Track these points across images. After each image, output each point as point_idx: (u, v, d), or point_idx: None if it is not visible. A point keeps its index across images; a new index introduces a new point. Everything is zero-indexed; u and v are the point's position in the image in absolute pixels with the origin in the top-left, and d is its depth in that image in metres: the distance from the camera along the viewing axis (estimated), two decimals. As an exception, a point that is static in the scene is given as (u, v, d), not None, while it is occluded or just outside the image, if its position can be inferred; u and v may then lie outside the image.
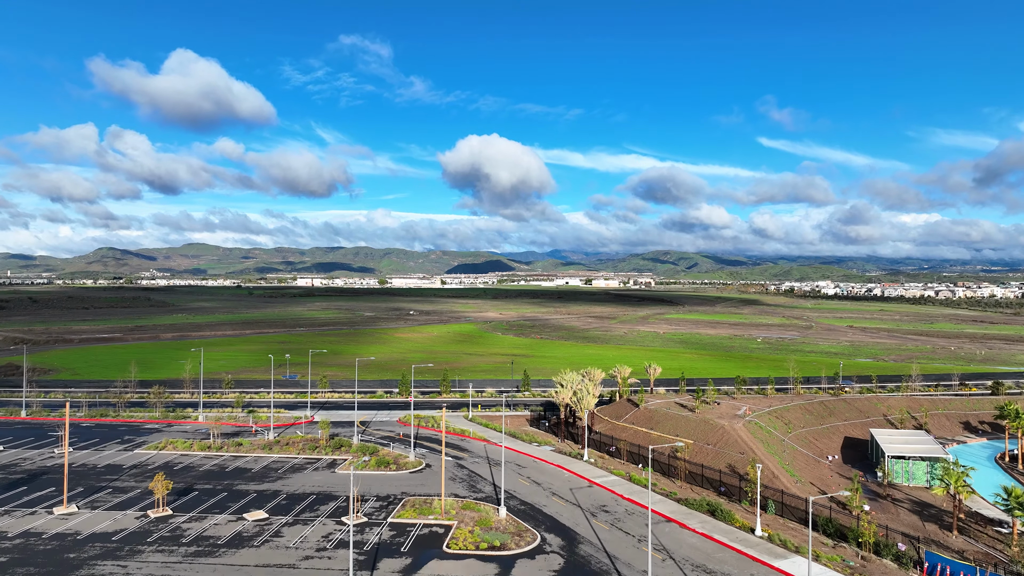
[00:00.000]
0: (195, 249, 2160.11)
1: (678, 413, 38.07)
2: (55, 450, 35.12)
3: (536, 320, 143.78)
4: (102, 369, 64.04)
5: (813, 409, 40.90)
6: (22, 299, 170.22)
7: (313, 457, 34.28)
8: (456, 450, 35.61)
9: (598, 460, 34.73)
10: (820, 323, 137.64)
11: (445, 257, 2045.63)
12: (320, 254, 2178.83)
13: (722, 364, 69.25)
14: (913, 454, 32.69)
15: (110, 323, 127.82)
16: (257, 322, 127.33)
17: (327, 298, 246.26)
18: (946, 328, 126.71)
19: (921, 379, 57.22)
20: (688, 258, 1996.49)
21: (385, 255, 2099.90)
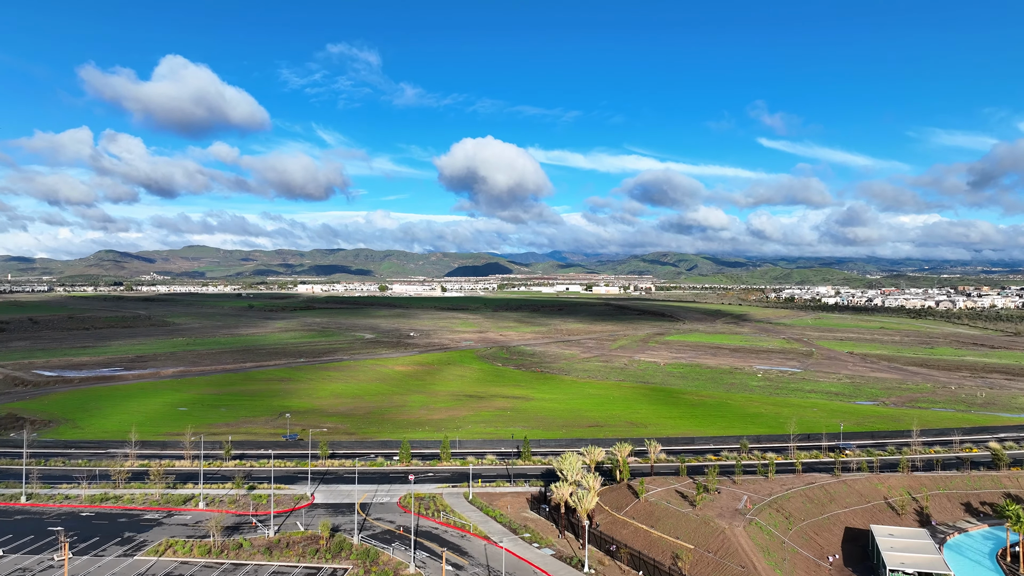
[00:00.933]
0: (195, 251, 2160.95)
1: (678, 509, 37.99)
2: (55, 556, 35.04)
3: (536, 346, 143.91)
4: (102, 420, 64.05)
5: (814, 496, 40.85)
6: (23, 321, 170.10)
7: (313, 566, 34.20)
8: (457, 554, 35.52)
9: (598, 568, 34.60)
10: (820, 347, 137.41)
11: (445, 259, 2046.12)
12: (320, 256, 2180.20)
13: (722, 414, 69.32)
14: (913, 567, 32.65)
15: (110, 350, 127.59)
16: (255, 350, 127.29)
17: (328, 312, 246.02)
18: (946, 355, 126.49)
19: (920, 435, 57.17)
20: (688, 260, 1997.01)
21: (385, 257, 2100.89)
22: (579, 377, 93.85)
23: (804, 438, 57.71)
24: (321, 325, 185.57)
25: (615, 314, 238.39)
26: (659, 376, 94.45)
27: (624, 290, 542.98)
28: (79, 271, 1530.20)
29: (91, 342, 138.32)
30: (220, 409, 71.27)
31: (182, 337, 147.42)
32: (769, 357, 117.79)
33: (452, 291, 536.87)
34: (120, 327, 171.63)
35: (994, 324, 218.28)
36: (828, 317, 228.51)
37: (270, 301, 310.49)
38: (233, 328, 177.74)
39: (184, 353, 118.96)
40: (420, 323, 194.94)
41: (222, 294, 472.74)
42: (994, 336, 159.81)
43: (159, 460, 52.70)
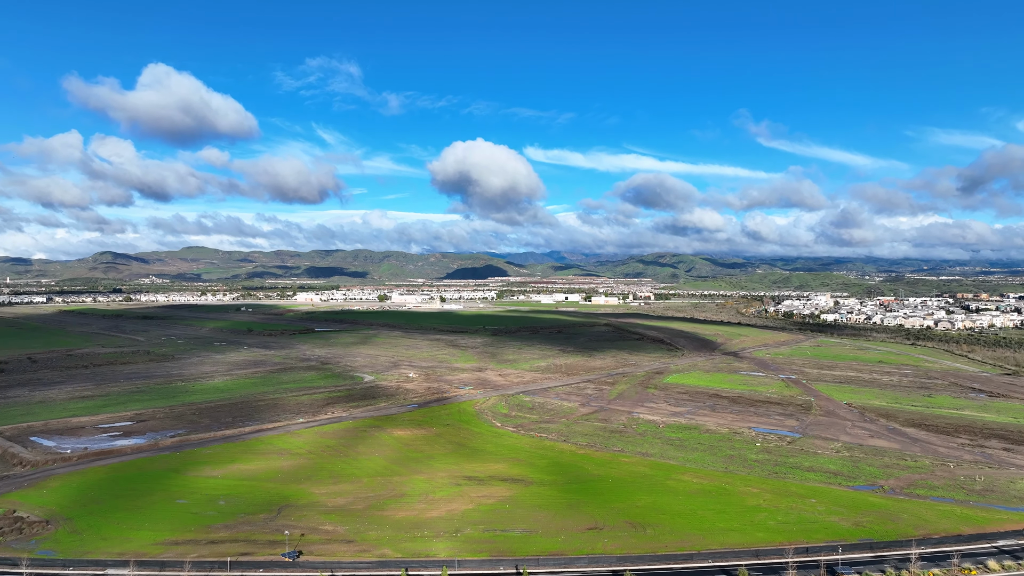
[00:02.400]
0: (193, 252, 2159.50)
1: None
2: None
3: (535, 394, 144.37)
4: (101, 520, 64.18)
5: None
6: (22, 360, 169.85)
7: None
8: None
9: None
10: (819, 393, 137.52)
11: (444, 260, 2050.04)
12: (318, 257, 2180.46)
13: (722, 508, 69.76)
14: None
15: (108, 404, 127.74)
16: (253, 405, 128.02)
17: (326, 337, 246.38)
18: (944, 407, 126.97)
19: (919, 545, 57.34)
20: (686, 261, 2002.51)
21: (384, 258, 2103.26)
22: (578, 447, 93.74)
23: (803, 551, 57.71)
24: (321, 360, 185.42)
25: (615, 339, 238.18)
26: (658, 445, 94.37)
27: (623, 300, 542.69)
28: (77, 274, 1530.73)
29: (90, 388, 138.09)
30: (218, 502, 71.15)
31: (182, 382, 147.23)
32: (768, 411, 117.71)
33: (451, 300, 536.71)
34: (119, 364, 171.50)
35: (992, 351, 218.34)
36: (827, 344, 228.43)
37: (269, 323, 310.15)
38: (231, 369, 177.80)
39: (184, 409, 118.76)
40: (420, 355, 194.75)
41: (221, 306, 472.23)
42: (993, 376, 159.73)
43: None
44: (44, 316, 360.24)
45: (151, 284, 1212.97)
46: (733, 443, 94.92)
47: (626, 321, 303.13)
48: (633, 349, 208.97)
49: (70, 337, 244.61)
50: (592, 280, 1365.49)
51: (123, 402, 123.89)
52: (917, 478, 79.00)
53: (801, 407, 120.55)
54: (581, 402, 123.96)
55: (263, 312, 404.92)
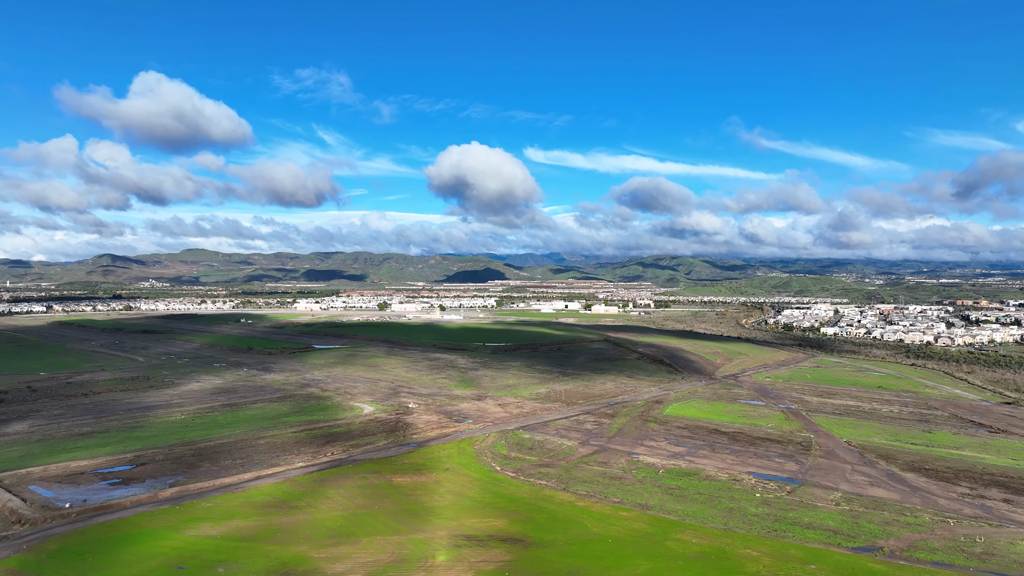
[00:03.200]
0: (193, 255, 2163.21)
1: None
2: None
3: (535, 430, 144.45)
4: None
5: None
6: (21, 389, 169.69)
7: None
8: None
9: None
10: (818, 427, 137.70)
11: (444, 262, 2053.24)
12: (317, 260, 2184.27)
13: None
14: None
15: (109, 442, 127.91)
16: (252, 447, 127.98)
17: (325, 357, 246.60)
18: (944, 446, 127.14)
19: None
20: (685, 263, 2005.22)
21: (384, 260, 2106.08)
22: (578, 496, 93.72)
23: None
24: (321, 385, 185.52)
25: (614, 359, 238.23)
26: (657, 495, 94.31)
27: (623, 308, 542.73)
28: (77, 277, 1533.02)
29: (89, 422, 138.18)
30: (218, 569, 71.02)
31: (181, 415, 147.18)
32: (767, 451, 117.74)
33: (451, 309, 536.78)
34: (118, 391, 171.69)
35: (992, 372, 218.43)
36: (827, 364, 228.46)
37: (269, 339, 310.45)
38: (231, 398, 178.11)
39: (183, 449, 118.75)
40: (420, 380, 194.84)
41: (220, 316, 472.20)
42: (993, 406, 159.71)
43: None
44: (43, 329, 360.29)
45: (151, 288, 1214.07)
46: (733, 493, 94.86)
47: (625, 337, 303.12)
48: (633, 372, 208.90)
49: (69, 356, 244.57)
50: (592, 284, 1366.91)
51: (122, 440, 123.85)
52: (917, 538, 78.93)
53: (801, 446, 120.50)
54: (580, 440, 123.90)
55: (262, 324, 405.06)
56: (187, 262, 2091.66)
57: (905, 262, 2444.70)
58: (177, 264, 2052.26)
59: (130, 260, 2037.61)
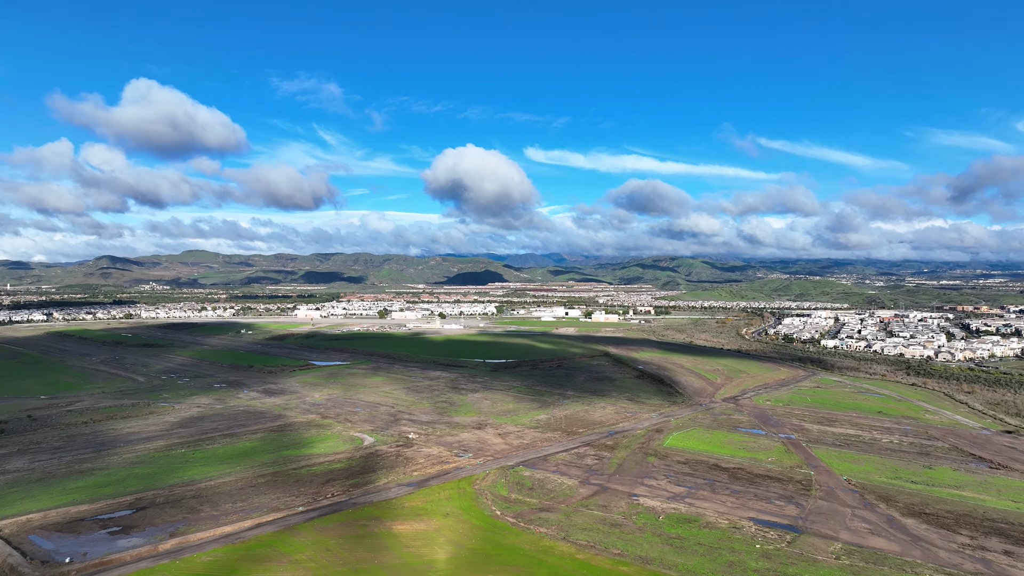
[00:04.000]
0: (194, 256, 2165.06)
1: None
2: None
3: (535, 464, 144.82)
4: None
5: None
6: (22, 419, 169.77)
7: None
8: None
9: None
10: (818, 461, 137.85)
11: (444, 264, 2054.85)
12: (318, 261, 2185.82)
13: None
14: None
15: (110, 482, 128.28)
16: (253, 487, 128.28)
17: (323, 377, 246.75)
18: (944, 484, 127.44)
19: None
20: (685, 264, 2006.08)
21: (384, 262, 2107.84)
22: (578, 548, 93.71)
23: None
24: (321, 411, 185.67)
25: (614, 378, 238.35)
26: (657, 546, 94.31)
27: (623, 315, 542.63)
28: (77, 280, 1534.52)
29: (90, 457, 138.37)
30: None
31: (182, 448, 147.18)
32: (767, 491, 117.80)
33: (451, 317, 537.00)
34: (119, 419, 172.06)
35: (992, 392, 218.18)
36: (827, 384, 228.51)
37: (269, 355, 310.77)
38: (231, 427, 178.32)
39: (183, 490, 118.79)
40: (420, 405, 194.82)
41: (220, 325, 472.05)
42: (993, 435, 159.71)
43: None
44: (44, 342, 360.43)
45: (151, 292, 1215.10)
46: (733, 543, 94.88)
47: (626, 352, 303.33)
48: (633, 394, 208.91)
49: (70, 375, 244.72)
50: (592, 287, 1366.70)
51: (122, 479, 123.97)
52: (917, 599, 78.94)
53: (801, 485, 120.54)
54: (581, 479, 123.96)
55: (263, 335, 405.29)
56: (187, 263, 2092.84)
57: (905, 262, 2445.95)
58: (177, 265, 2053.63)
59: (130, 262, 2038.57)
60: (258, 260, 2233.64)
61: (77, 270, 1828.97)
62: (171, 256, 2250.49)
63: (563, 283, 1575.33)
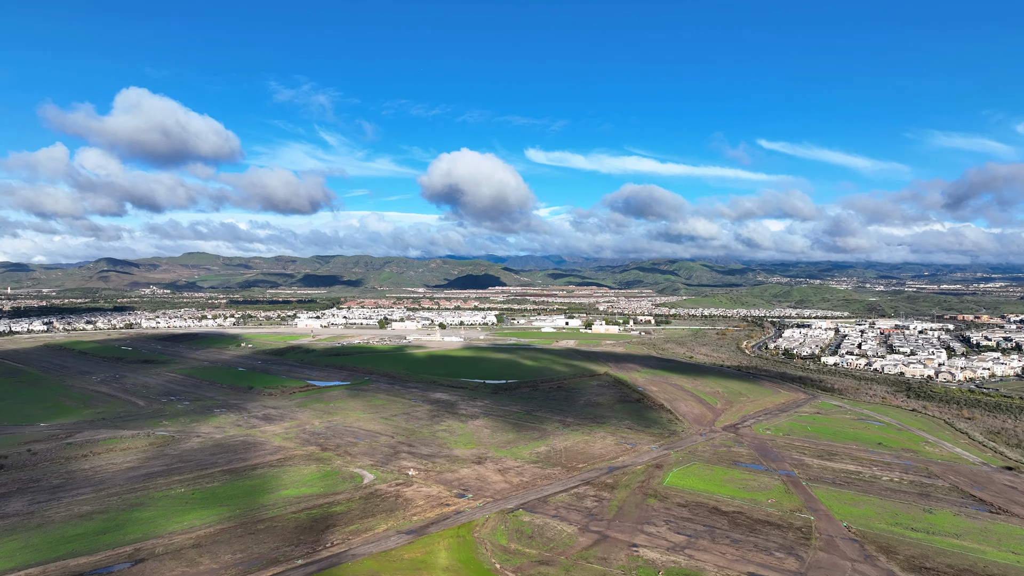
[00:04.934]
0: (194, 259, 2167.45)
1: None
2: None
3: (534, 508, 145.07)
4: None
5: None
6: (21, 453, 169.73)
7: None
8: None
9: None
10: (817, 503, 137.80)
11: (445, 266, 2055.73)
12: (318, 263, 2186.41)
13: None
14: None
15: (109, 528, 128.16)
16: (252, 534, 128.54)
17: (324, 405, 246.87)
18: (944, 535, 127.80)
19: None
20: (686, 267, 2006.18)
21: (384, 264, 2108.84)
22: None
23: None
24: (321, 442, 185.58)
25: (614, 403, 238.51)
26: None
27: (623, 326, 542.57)
28: (78, 283, 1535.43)
29: (89, 497, 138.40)
30: None
31: (181, 488, 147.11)
32: (767, 540, 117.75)
33: (451, 328, 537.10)
34: (117, 451, 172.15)
35: (993, 418, 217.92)
36: (827, 410, 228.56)
37: (268, 373, 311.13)
38: (231, 461, 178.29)
39: (182, 538, 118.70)
40: (420, 434, 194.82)
41: (220, 337, 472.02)
42: (993, 473, 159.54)
43: None
44: (44, 358, 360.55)
45: (151, 296, 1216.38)
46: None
47: (626, 372, 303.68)
48: (634, 421, 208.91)
49: (70, 397, 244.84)
50: (592, 292, 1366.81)
51: (121, 524, 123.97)
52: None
53: (801, 534, 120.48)
54: (580, 525, 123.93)
55: (263, 349, 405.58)
56: (187, 266, 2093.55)
57: (905, 265, 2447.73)
58: (177, 268, 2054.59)
59: (129, 264, 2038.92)
60: (258, 263, 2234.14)
61: (77, 273, 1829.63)
62: (171, 258, 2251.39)
63: (563, 287, 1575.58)
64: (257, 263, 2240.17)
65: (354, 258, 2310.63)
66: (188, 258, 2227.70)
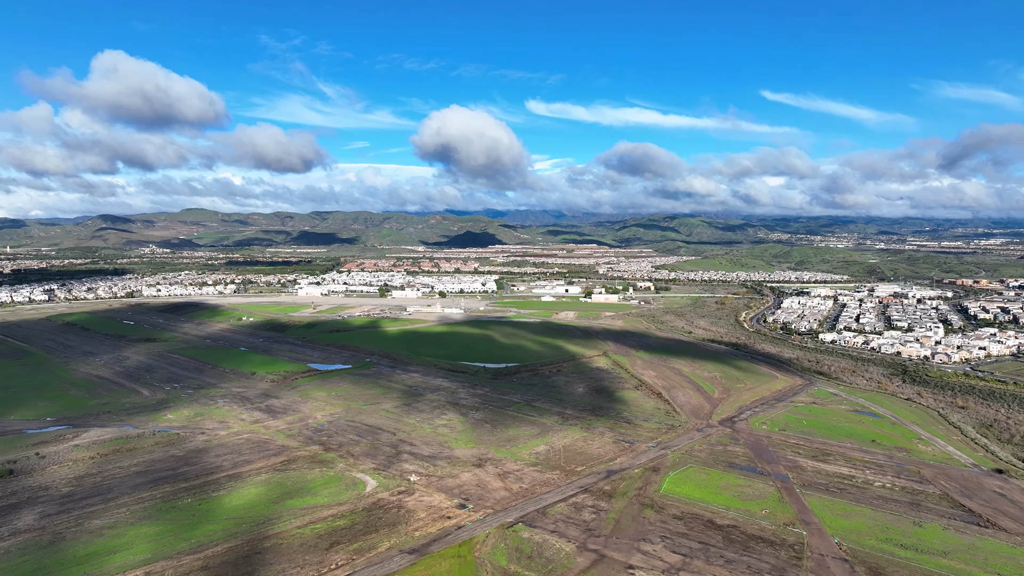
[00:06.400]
0: (192, 215, 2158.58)
1: None
2: None
3: (534, 523, 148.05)
4: None
5: None
6: (30, 457, 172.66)
7: None
8: None
9: None
10: (812, 516, 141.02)
11: (445, 222, 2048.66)
12: (318, 220, 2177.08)
13: None
14: None
15: (121, 545, 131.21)
16: (263, 545, 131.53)
17: (327, 391, 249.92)
18: (931, 551, 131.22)
19: None
20: (686, 224, 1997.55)
21: (384, 220, 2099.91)
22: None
23: None
24: (323, 440, 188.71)
25: (613, 391, 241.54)
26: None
27: (623, 295, 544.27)
28: (76, 241, 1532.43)
29: (98, 507, 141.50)
30: None
31: (189, 498, 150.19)
32: (760, 563, 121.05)
33: (451, 296, 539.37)
34: (124, 451, 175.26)
35: (987, 407, 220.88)
36: (823, 400, 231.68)
37: (269, 355, 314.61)
38: (237, 464, 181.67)
39: (190, 559, 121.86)
40: (421, 431, 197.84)
41: (223, 308, 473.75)
42: (983, 478, 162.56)
43: None
44: (47, 335, 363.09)
45: (151, 256, 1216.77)
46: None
47: (624, 353, 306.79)
48: (632, 413, 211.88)
49: (75, 386, 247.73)
50: (592, 250, 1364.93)
51: (131, 542, 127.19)
52: None
53: (793, 552, 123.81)
54: (579, 543, 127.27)
55: (264, 322, 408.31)
56: (185, 223, 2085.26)
57: (906, 220, 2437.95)
58: (176, 224, 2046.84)
59: (127, 221, 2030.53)
60: (256, 219, 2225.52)
61: (75, 231, 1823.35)
62: (169, 215, 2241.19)
63: (562, 245, 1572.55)
64: (255, 219, 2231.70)
65: (352, 214, 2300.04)
66: (187, 214, 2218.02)
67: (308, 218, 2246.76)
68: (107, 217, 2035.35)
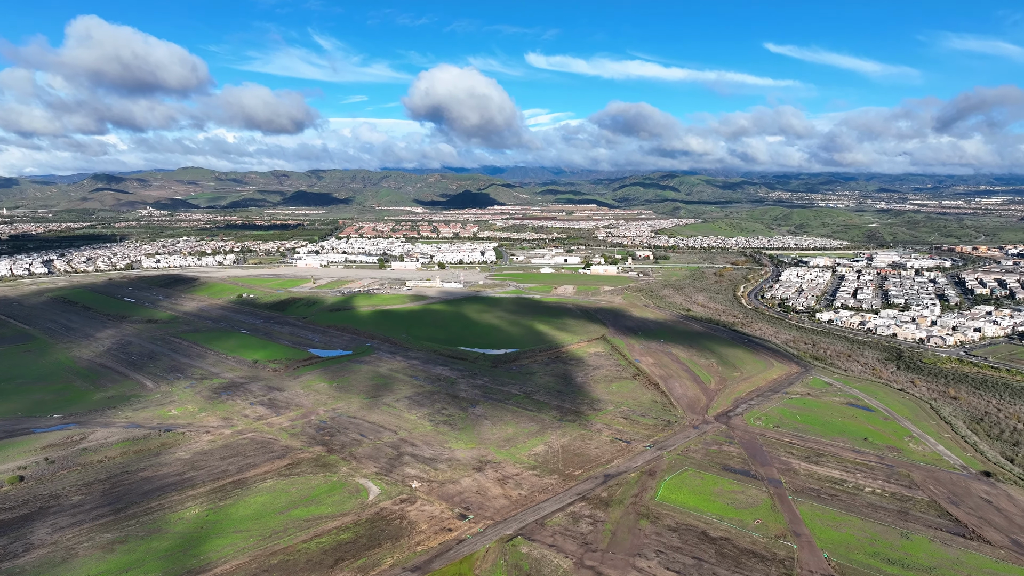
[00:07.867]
0: (189, 174, 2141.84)
1: None
2: None
3: (533, 536, 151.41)
4: None
5: None
6: (39, 463, 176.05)
7: None
8: None
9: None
10: (802, 528, 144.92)
11: (443, 181, 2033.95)
12: (315, 179, 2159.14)
13: None
14: None
15: (131, 565, 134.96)
16: (273, 559, 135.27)
17: (328, 383, 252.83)
18: (917, 568, 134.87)
19: None
20: (686, 183, 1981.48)
21: (382, 179, 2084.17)
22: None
23: None
24: (325, 440, 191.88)
25: (611, 379, 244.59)
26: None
27: (621, 265, 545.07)
28: (72, 203, 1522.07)
29: (108, 523, 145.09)
30: None
31: (195, 508, 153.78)
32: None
33: (451, 267, 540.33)
34: (131, 454, 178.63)
35: (979, 398, 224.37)
36: (817, 391, 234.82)
37: (271, 339, 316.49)
38: (242, 469, 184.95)
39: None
40: (422, 429, 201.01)
41: (223, 284, 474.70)
42: (972, 482, 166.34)
43: None
44: (48, 314, 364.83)
45: (148, 219, 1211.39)
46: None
47: (622, 337, 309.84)
48: (629, 408, 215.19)
49: (78, 375, 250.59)
50: (591, 212, 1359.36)
51: (142, 559, 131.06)
52: None
53: (783, 568, 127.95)
54: (576, 558, 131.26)
55: (264, 299, 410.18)
56: (182, 182, 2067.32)
57: (907, 176, 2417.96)
58: (172, 184, 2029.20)
59: (123, 180, 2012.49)
60: (253, 178, 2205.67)
61: (70, 191, 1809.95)
62: (165, 173, 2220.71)
63: (561, 206, 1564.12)
64: (252, 178, 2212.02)
65: (350, 173, 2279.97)
66: (183, 173, 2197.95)
67: (305, 177, 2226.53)
68: (101, 176, 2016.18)
